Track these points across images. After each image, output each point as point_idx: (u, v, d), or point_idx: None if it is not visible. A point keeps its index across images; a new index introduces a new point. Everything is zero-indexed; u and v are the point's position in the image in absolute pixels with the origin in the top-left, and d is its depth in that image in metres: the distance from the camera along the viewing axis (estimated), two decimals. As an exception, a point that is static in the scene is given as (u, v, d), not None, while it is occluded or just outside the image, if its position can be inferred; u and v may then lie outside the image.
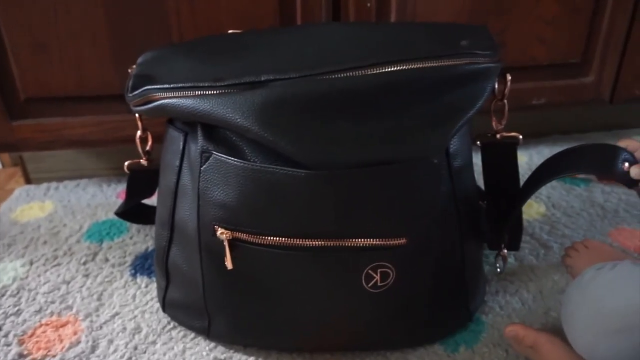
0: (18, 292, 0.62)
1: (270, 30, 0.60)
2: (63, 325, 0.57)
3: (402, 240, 0.46)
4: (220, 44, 0.56)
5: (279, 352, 0.53)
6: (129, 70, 0.53)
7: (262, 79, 0.45)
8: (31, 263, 0.68)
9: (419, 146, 0.44)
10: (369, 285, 0.47)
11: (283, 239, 0.45)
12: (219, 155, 0.46)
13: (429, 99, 0.45)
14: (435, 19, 0.78)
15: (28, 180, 0.90)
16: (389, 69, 0.45)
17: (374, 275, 0.46)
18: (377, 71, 0.44)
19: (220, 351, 0.53)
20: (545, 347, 0.48)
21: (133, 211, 0.69)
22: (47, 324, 0.57)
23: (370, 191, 0.44)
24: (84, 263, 0.67)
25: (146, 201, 0.69)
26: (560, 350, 0.48)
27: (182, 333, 0.56)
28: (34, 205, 0.82)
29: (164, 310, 0.58)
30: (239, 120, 0.43)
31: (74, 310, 0.59)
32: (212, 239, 0.47)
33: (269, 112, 0.43)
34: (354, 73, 0.44)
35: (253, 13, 0.73)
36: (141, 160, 0.60)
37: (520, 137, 0.57)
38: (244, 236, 0.46)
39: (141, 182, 0.64)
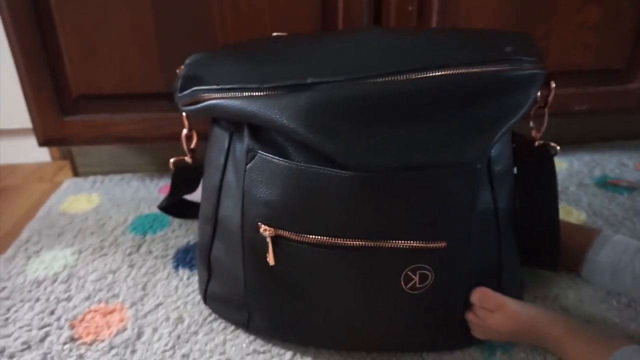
0: (68, 279, 0.65)
1: (313, 34, 0.62)
2: (110, 313, 0.60)
3: (442, 244, 0.46)
4: (265, 46, 0.57)
5: (317, 347, 0.55)
6: (177, 71, 0.55)
7: (308, 81, 0.46)
8: (80, 252, 0.71)
9: (461, 152, 0.45)
10: (408, 287, 0.47)
11: (324, 238, 0.46)
12: (264, 155, 0.47)
13: (472, 106, 0.46)
14: (476, 23, 0.78)
15: (76, 173, 0.94)
16: (432, 74, 0.45)
17: (413, 276, 0.47)
18: (420, 76, 0.45)
19: (259, 344, 0.55)
20: (510, 305, 0.50)
21: (175, 206, 0.71)
22: (95, 311, 0.60)
23: (411, 194, 0.45)
24: (129, 254, 0.70)
25: (188, 197, 0.71)
26: (526, 307, 0.51)
27: (222, 325, 0.58)
28: (82, 197, 0.85)
29: (205, 302, 0.60)
30: (285, 121, 0.45)
31: (121, 298, 0.62)
32: (255, 235, 0.49)
33: (314, 115, 0.44)
34: (396, 78, 0.45)
35: (295, 18, 0.75)
36: (186, 158, 0.61)
37: (558, 147, 0.56)
38: (286, 234, 0.47)
39: (185, 178, 0.65)
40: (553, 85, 0.52)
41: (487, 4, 0.77)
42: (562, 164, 0.92)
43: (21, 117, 0.91)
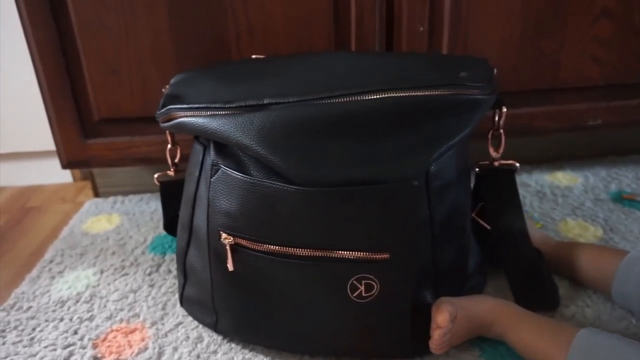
0: (91, 299, 0.67)
1: (287, 56, 0.66)
2: (132, 332, 0.61)
3: (386, 255, 0.49)
4: (241, 68, 0.63)
5: (278, 350, 0.57)
6: (163, 90, 0.59)
7: (265, 102, 0.51)
8: (101, 272, 0.73)
9: (400, 169, 0.48)
10: (354, 295, 0.50)
11: (277, 247, 0.50)
12: (226, 169, 0.52)
13: (411, 126, 0.49)
14: (486, 41, 0.79)
15: (97, 194, 0.97)
16: (376, 97, 0.49)
17: (359, 286, 0.50)
18: (364, 98, 0.49)
19: (277, 363, 0.56)
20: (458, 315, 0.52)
21: (175, 225, 0.74)
22: (117, 330, 0.61)
23: (354, 208, 0.48)
24: (149, 274, 0.72)
25: None
26: (467, 309, 0.53)
27: (240, 345, 0.58)
28: (102, 217, 0.88)
29: (181, 304, 0.64)
30: (239, 138, 0.49)
31: (141, 317, 0.63)
32: (218, 242, 0.53)
33: (264, 133, 0.49)
34: (342, 99, 0.49)
35: (308, 39, 0.77)
36: (168, 172, 0.67)
37: (517, 165, 0.61)
38: (244, 242, 0.51)
39: (172, 192, 0.69)
40: (504, 110, 0.56)
41: (497, 23, 0.78)
42: (577, 179, 0.92)
43: (44, 140, 0.95)
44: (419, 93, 0.49)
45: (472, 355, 0.55)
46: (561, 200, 0.86)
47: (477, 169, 0.61)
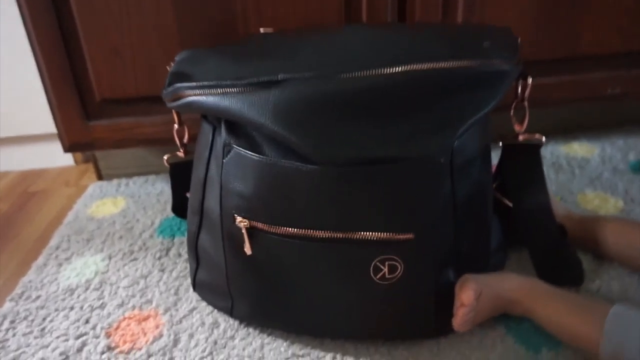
0: (101, 286, 0.65)
1: (298, 31, 0.63)
2: (145, 319, 0.59)
3: (410, 235, 0.47)
4: (250, 44, 0.59)
5: (298, 334, 0.55)
6: (168, 68, 0.56)
7: (279, 77, 0.47)
8: (110, 257, 0.71)
9: (425, 147, 0.45)
10: (377, 277, 0.48)
11: (295, 229, 0.48)
12: (239, 149, 0.49)
13: (436, 101, 0.46)
14: (503, 10, 0.75)
15: (100, 177, 0.94)
16: (398, 70, 0.46)
17: (382, 267, 0.48)
18: (385, 72, 0.46)
19: (298, 347, 0.54)
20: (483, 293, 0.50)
21: (185, 207, 0.72)
22: (130, 318, 0.60)
23: (377, 188, 0.45)
24: (159, 258, 0.70)
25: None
26: (493, 287, 0.52)
27: (258, 329, 0.57)
28: (107, 201, 0.85)
29: (194, 289, 0.62)
30: (254, 116, 0.46)
31: (154, 304, 0.62)
32: (232, 226, 0.51)
33: (280, 110, 0.46)
34: (363, 73, 0.46)
35: (319, 14, 0.73)
36: (178, 153, 0.64)
37: (544, 138, 0.57)
38: (260, 225, 0.49)
39: (181, 174, 0.67)
40: (529, 80, 0.53)
41: (515, -11, 0.74)
42: (594, 150, 0.90)
43: (45, 123, 0.92)
44: (443, 65, 0.46)
45: (498, 333, 0.54)
46: (578, 172, 0.83)
47: (501, 144, 0.58)
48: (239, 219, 0.50)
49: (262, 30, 0.66)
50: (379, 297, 0.50)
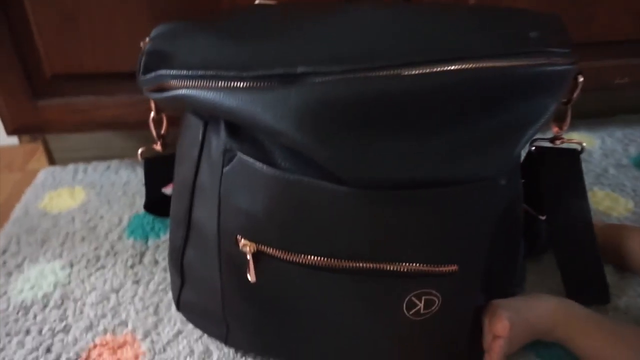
0: (62, 303, 0.55)
1: (305, 4, 0.52)
2: (121, 347, 0.50)
3: (454, 267, 0.40)
4: (247, 19, 0.47)
5: None
6: (141, 44, 0.45)
7: (299, 71, 0.37)
8: (71, 265, 0.60)
9: (481, 165, 0.38)
10: (411, 313, 0.41)
11: (315, 257, 0.40)
12: (245, 158, 0.40)
13: (496, 108, 0.38)
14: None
15: (51, 161, 0.81)
16: (449, 68, 0.36)
17: (418, 302, 0.41)
18: (435, 70, 0.36)
19: (306, 383, 0.47)
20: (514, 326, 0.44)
21: (160, 204, 0.63)
22: (102, 345, 0.50)
23: (420, 215, 0.38)
24: (132, 266, 0.60)
25: (168, 191, 0.62)
26: (530, 317, 0.47)
27: (257, 359, 0.49)
28: (63, 191, 0.74)
29: (178, 309, 0.53)
30: (270, 122, 0.36)
31: (130, 327, 0.52)
32: (234, 248, 0.42)
33: (306, 116, 0.36)
34: (407, 72, 0.36)
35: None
36: (155, 146, 0.53)
37: (584, 144, 0.51)
38: (270, 250, 0.41)
39: (158, 169, 0.58)
40: (581, 79, 0.44)
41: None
42: (594, 141, 0.85)
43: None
44: (502, 63, 0.38)
45: (528, 361, 0.49)
46: (583, 167, 0.79)
47: (533, 148, 0.52)
48: (243, 241, 0.41)
49: (257, 1, 0.56)
50: (409, 333, 0.43)
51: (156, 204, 0.64)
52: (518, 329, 0.46)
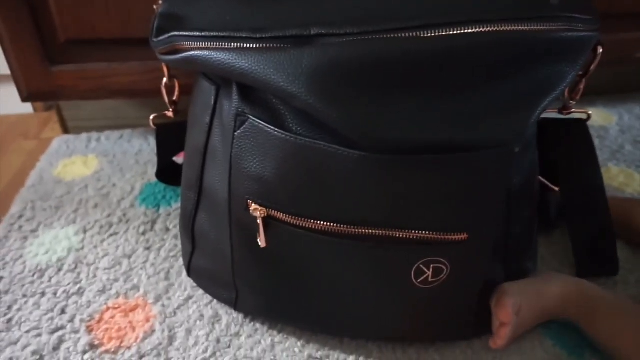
0: (76, 267, 0.56)
1: None
2: (133, 310, 0.51)
3: (463, 236, 0.40)
4: None
5: (314, 333, 0.49)
6: (155, 7, 0.45)
7: (312, 32, 0.37)
8: (85, 231, 0.61)
9: (496, 130, 0.37)
10: (419, 281, 0.41)
11: (326, 223, 0.40)
12: (257, 122, 0.40)
13: (515, 72, 0.38)
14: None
15: (65, 130, 0.82)
16: (468, 30, 0.36)
17: (426, 270, 0.41)
18: (453, 32, 0.36)
19: (314, 348, 0.48)
20: (523, 310, 0.45)
21: (171, 172, 0.63)
22: (114, 308, 0.51)
23: (434, 181, 0.37)
24: (143, 233, 0.61)
25: (179, 159, 0.62)
26: (541, 300, 0.46)
27: (266, 325, 0.50)
28: (77, 159, 0.74)
29: (188, 274, 0.54)
30: (283, 83, 0.36)
31: (142, 291, 0.53)
32: (244, 213, 0.42)
33: (319, 78, 0.36)
34: (423, 33, 0.36)
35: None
36: (167, 112, 0.53)
37: (590, 113, 0.50)
38: (281, 216, 0.41)
39: (170, 136, 0.58)
40: (600, 50, 0.43)
41: None
42: (612, 118, 0.84)
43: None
44: (523, 27, 0.37)
45: (537, 336, 0.48)
46: (598, 142, 0.77)
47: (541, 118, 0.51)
48: (253, 206, 0.41)
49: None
50: (416, 300, 0.43)
51: (167, 172, 0.64)
52: (526, 313, 0.45)
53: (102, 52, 0.66)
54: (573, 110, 0.49)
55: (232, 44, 0.38)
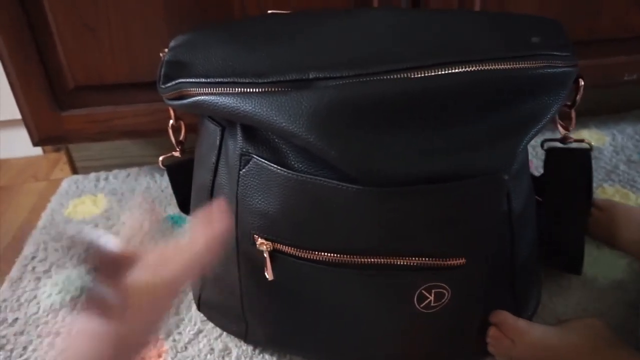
0: (89, 306, 0.58)
1: (315, 12, 0.55)
2: (145, 346, 0.53)
3: (461, 261, 0.41)
4: (260, 27, 0.50)
5: None
6: (161, 55, 0.48)
7: (310, 76, 0.40)
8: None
9: (486, 161, 0.40)
10: (421, 306, 0.43)
11: (328, 254, 0.42)
12: (260, 160, 0.42)
13: (499, 107, 0.41)
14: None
15: (74, 170, 0.84)
16: (455, 70, 0.39)
17: (428, 295, 0.42)
18: (441, 72, 0.39)
19: (322, 378, 0.49)
20: (530, 334, 0.47)
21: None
22: (127, 345, 0.53)
23: (428, 210, 0.40)
24: (153, 269, 0.62)
25: None
26: (548, 335, 0.47)
27: (275, 356, 0.51)
28: (86, 199, 0.76)
29: (198, 308, 0.56)
30: (284, 124, 0.39)
31: (153, 327, 0.55)
32: (251, 248, 0.44)
33: (318, 118, 0.39)
34: (413, 74, 0.39)
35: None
36: (174, 153, 0.55)
37: (592, 143, 0.53)
38: (285, 248, 0.43)
39: (180, 174, 0.59)
40: (582, 83, 0.46)
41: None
42: (605, 138, 0.86)
43: (6, 108, 0.81)
44: (505, 65, 0.40)
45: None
46: (593, 163, 0.79)
47: (545, 148, 0.53)
48: (260, 240, 0.43)
49: (270, 12, 0.58)
50: (419, 325, 0.44)
51: (189, 203, 0.65)
52: (532, 349, 0.47)
53: (109, 96, 0.69)
54: (574, 139, 0.51)
55: (237, 89, 0.41)
